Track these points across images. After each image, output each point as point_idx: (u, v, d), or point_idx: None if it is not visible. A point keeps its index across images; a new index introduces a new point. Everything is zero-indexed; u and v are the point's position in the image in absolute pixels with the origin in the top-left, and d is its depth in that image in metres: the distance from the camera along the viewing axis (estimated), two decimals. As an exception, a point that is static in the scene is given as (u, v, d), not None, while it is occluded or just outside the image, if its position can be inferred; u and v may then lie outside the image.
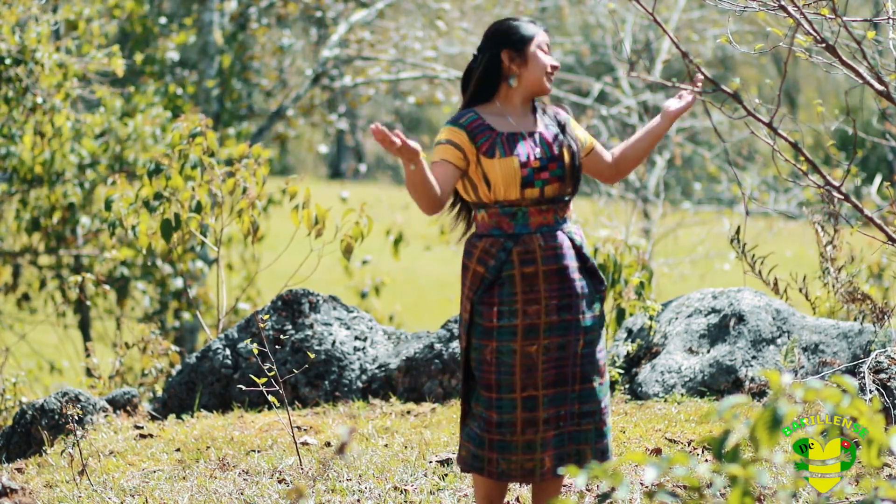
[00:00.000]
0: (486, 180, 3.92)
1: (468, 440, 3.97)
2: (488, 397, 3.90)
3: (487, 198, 3.93)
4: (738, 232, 6.64)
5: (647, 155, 4.19)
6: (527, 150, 3.93)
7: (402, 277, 17.37)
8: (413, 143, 3.75)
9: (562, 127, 4.04)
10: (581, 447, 3.94)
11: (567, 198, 3.99)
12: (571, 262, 3.93)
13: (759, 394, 5.88)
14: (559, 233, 3.95)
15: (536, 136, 3.98)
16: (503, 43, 3.98)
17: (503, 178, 3.90)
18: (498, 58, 3.98)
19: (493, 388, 3.89)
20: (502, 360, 3.87)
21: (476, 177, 3.93)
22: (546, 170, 3.93)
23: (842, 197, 4.69)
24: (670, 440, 5.28)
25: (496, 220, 3.93)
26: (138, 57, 11.87)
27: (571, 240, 3.97)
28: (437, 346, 6.30)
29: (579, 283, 3.94)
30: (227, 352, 6.33)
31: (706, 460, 4.99)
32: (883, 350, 5.56)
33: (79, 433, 5.67)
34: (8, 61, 9.07)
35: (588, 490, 4.74)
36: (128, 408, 6.13)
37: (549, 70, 3.99)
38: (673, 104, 4.20)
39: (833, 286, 6.56)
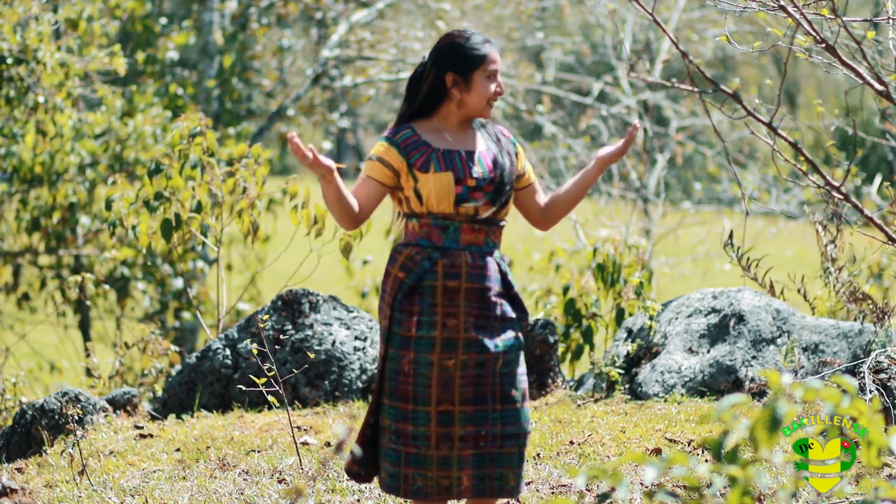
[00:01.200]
0: (417, 194, 3.87)
1: (385, 459, 3.87)
2: (403, 409, 3.82)
3: (419, 209, 3.88)
4: (730, 236, 6.64)
5: (577, 204, 4.08)
6: (464, 167, 3.88)
7: (402, 277, 17.34)
8: (327, 161, 3.72)
9: (501, 147, 3.97)
10: (504, 470, 3.85)
11: (502, 223, 3.95)
12: (495, 286, 3.88)
13: (758, 394, 5.88)
14: (488, 255, 3.89)
15: (476, 155, 3.92)
16: (449, 65, 3.91)
17: (437, 192, 3.85)
18: (442, 78, 3.92)
19: (410, 400, 3.81)
20: (419, 371, 3.80)
21: (408, 191, 3.88)
22: (481, 190, 3.88)
23: (842, 197, 4.69)
24: (670, 440, 5.28)
25: (426, 231, 3.87)
26: (140, 56, 11.87)
27: (499, 265, 3.92)
28: (437, 346, 6.29)
29: (500, 307, 3.88)
30: (227, 352, 6.33)
31: (706, 460, 4.99)
32: (883, 350, 5.56)
33: (79, 433, 5.67)
34: (9, 60, 9.06)
35: (588, 490, 4.74)
36: (128, 408, 6.13)
37: (491, 98, 3.93)
38: (605, 150, 4.05)
39: (834, 286, 6.56)
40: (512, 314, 3.90)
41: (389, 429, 3.84)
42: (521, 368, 3.91)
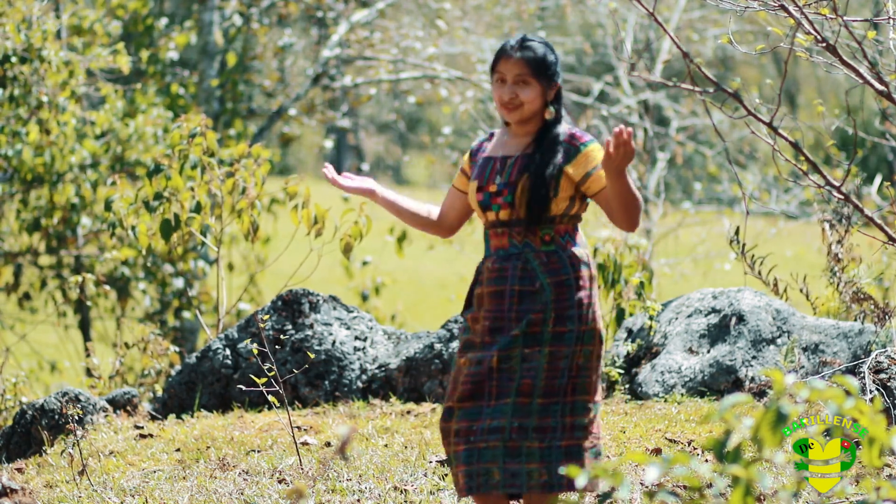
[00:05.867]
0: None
1: None
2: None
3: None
4: (737, 232, 6.63)
5: (627, 202, 3.86)
6: (490, 174, 3.95)
7: (403, 277, 17.39)
8: (360, 184, 3.92)
9: (551, 152, 3.91)
10: (488, 465, 3.82)
11: (521, 223, 3.90)
12: (510, 286, 3.87)
13: (759, 394, 5.88)
14: (512, 257, 3.90)
15: (510, 161, 3.95)
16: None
17: (471, 201, 4.00)
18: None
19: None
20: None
21: None
22: (500, 195, 3.92)
23: (842, 197, 4.69)
24: (670, 440, 5.28)
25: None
26: (144, 54, 11.85)
27: (527, 260, 3.89)
28: (438, 346, 6.29)
29: (515, 305, 3.86)
30: (227, 352, 6.33)
31: (706, 460, 4.99)
32: (883, 350, 5.56)
33: (79, 433, 5.67)
34: (14, 59, 9.05)
35: (589, 490, 4.73)
36: (128, 408, 6.13)
37: (499, 103, 3.95)
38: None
39: (838, 286, 6.55)
40: (533, 310, 3.84)
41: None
42: (531, 364, 3.83)
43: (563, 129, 3.97)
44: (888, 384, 5.38)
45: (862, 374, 5.40)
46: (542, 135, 3.97)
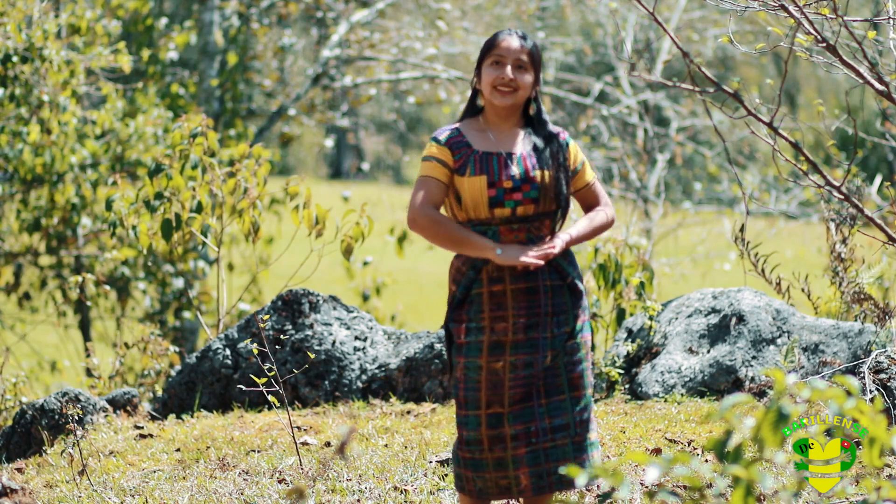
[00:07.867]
0: (458, 198, 3.93)
1: (452, 458, 4.03)
2: (458, 414, 3.94)
3: (461, 216, 3.94)
4: (741, 230, 6.62)
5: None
6: (499, 169, 3.90)
7: (403, 277, 17.38)
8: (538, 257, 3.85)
9: (551, 148, 3.97)
10: (560, 464, 3.89)
11: (542, 216, 3.94)
12: (542, 281, 3.90)
13: (759, 394, 5.88)
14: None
15: (515, 156, 3.93)
16: (478, 60, 4.02)
17: (471, 197, 3.89)
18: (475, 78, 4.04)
19: (462, 405, 3.91)
20: (469, 375, 3.88)
21: (451, 195, 3.95)
22: (519, 191, 3.89)
23: (842, 197, 4.69)
24: (670, 440, 5.28)
25: None
26: (144, 53, 11.85)
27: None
28: (438, 346, 6.29)
29: (550, 300, 3.90)
30: (227, 352, 6.33)
31: (706, 461, 4.99)
32: (883, 350, 5.56)
33: (79, 433, 5.67)
34: (15, 59, 9.05)
35: (588, 490, 4.73)
36: (128, 408, 6.13)
37: (493, 83, 3.94)
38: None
39: (840, 286, 6.55)
40: (565, 305, 3.92)
41: (458, 432, 3.97)
42: (578, 357, 3.93)
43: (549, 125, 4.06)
44: (888, 384, 5.38)
45: (862, 374, 5.40)
46: (538, 129, 4.01)
